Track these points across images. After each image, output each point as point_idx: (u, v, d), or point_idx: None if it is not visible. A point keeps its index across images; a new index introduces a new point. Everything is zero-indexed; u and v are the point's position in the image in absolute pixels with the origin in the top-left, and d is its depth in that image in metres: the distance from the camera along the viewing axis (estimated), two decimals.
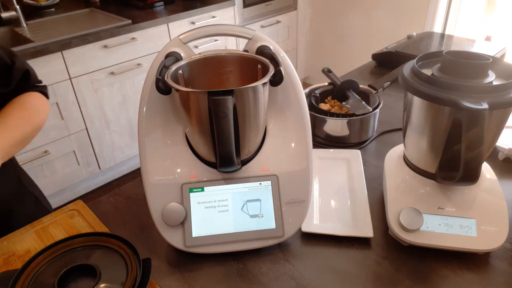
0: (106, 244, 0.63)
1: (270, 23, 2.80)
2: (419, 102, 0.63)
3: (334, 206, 0.75)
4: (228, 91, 0.53)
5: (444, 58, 0.61)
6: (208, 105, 0.55)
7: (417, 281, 0.61)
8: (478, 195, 0.65)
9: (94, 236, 0.64)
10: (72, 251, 0.62)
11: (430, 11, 2.43)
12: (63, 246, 0.62)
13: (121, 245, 0.62)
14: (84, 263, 0.59)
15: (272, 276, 0.64)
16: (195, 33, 0.68)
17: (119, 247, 0.62)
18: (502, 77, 0.61)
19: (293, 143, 0.67)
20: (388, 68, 1.30)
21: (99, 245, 0.63)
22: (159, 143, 0.66)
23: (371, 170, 0.86)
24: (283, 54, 0.66)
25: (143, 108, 0.65)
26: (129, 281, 0.56)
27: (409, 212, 0.64)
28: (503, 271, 0.62)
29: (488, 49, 1.36)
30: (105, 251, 0.62)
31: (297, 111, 0.67)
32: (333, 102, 1.02)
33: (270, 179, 0.66)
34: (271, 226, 0.65)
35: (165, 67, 0.60)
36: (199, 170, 0.66)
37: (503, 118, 0.60)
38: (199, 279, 0.64)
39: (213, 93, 0.53)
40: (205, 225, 0.65)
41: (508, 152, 0.85)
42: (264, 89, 0.60)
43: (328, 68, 1.07)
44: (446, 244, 0.63)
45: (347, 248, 0.68)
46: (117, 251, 0.62)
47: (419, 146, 0.67)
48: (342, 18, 2.89)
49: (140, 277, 0.57)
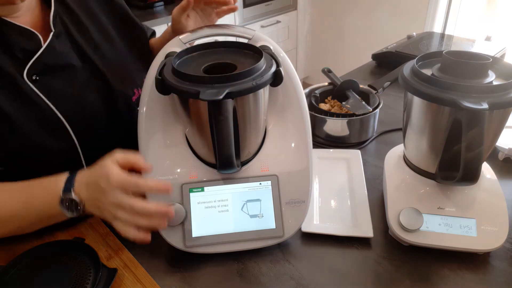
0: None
1: (270, 23, 2.80)
2: (419, 102, 0.63)
3: (334, 206, 0.75)
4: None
5: (444, 58, 0.61)
6: (208, 108, 0.55)
7: (417, 281, 0.61)
8: (478, 195, 0.65)
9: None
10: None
11: (430, 11, 2.43)
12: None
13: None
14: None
15: (272, 276, 0.63)
16: (195, 33, 0.68)
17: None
18: (502, 77, 0.61)
19: (293, 143, 0.67)
20: (388, 68, 1.30)
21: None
22: (159, 143, 0.66)
23: (371, 170, 0.86)
24: (283, 54, 0.66)
25: (143, 108, 0.65)
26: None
27: (409, 212, 0.64)
28: (503, 271, 0.62)
29: (488, 49, 1.36)
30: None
31: (297, 111, 0.67)
32: (333, 102, 1.02)
33: (270, 179, 0.66)
34: (271, 226, 0.65)
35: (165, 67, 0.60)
36: (199, 170, 0.66)
37: (503, 118, 0.60)
38: (199, 279, 0.64)
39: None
40: (205, 225, 0.65)
41: (508, 152, 0.85)
42: (264, 91, 0.60)
43: (328, 68, 1.07)
44: (446, 244, 0.63)
45: (347, 248, 0.67)
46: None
47: (419, 146, 0.67)
48: (342, 18, 2.89)
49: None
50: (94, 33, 0.74)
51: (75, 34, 0.70)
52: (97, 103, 0.72)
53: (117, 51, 0.78)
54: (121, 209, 0.54)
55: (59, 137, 0.67)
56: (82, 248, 0.64)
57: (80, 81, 0.70)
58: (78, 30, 0.71)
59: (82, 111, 0.69)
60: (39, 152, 0.65)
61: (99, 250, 0.67)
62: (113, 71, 0.74)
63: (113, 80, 0.74)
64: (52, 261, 0.62)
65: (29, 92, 0.63)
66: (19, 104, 0.62)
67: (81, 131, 0.69)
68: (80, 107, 0.69)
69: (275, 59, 0.60)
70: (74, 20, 0.72)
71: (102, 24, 0.76)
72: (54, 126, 0.66)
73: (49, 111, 0.65)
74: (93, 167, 0.57)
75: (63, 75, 0.68)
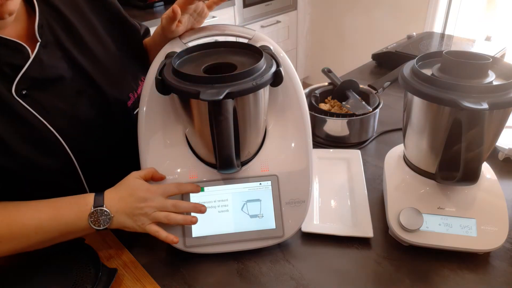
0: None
1: (270, 23, 2.80)
2: (419, 102, 0.63)
3: (334, 206, 0.75)
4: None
5: (444, 58, 0.61)
6: (208, 108, 0.55)
7: (417, 281, 0.61)
8: (478, 195, 0.65)
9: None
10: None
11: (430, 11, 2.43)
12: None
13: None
14: None
15: (272, 276, 0.63)
16: (195, 33, 0.68)
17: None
18: (502, 77, 0.61)
19: (293, 143, 0.67)
20: (388, 68, 1.30)
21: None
22: (159, 143, 0.66)
23: (371, 170, 0.86)
24: (283, 54, 0.66)
25: (143, 108, 0.65)
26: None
27: (409, 212, 0.64)
28: (503, 271, 0.62)
29: (488, 49, 1.36)
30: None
31: (297, 111, 0.67)
32: (333, 102, 1.02)
33: (270, 179, 0.66)
34: (271, 226, 0.65)
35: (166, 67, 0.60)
36: (199, 170, 0.66)
37: (503, 118, 0.60)
38: (199, 279, 0.64)
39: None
40: (205, 225, 0.65)
41: (508, 152, 0.85)
42: (264, 91, 0.60)
43: (328, 68, 1.07)
44: (446, 244, 0.63)
45: (347, 248, 0.67)
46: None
47: (419, 146, 0.67)
48: (342, 18, 2.89)
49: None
50: (85, 36, 0.69)
51: (65, 40, 0.66)
52: (91, 114, 0.69)
53: (110, 54, 0.74)
54: (163, 211, 0.62)
55: (53, 153, 0.64)
56: (82, 248, 0.64)
57: (71, 93, 0.66)
58: (68, 35, 0.67)
59: (76, 124, 0.66)
60: (34, 170, 0.63)
61: (99, 250, 0.67)
62: (106, 76, 0.71)
63: (107, 86, 0.70)
64: (52, 261, 0.62)
65: (19, 109, 0.59)
66: (9, 121, 0.59)
67: (76, 144, 0.66)
68: (74, 120, 0.66)
69: (275, 59, 0.60)
70: (64, 25, 0.67)
71: (93, 25, 0.72)
72: (48, 142, 0.63)
73: (42, 126, 0.62)
74: (119, 185, 0.63)
75: (53, 88, 0.64)
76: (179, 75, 0.55)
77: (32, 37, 0.62)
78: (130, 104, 0.75)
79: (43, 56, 0.62)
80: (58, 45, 0.65)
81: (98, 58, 0.70)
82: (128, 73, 0.77)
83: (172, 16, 0.63)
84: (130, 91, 0.76)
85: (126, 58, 0.77)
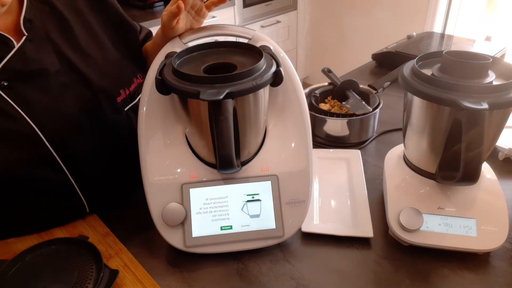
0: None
1: (270, 23, 2.80)
2: (419, 102, 0.63)
3: (334, 206, 0.75)
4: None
5: (444, 58, 0.61)
6: (208, 108, 0.55)
7: (417, 281, 0.61)
8: (478, 195, 0.65)
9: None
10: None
11: (430, 11, 2.43)
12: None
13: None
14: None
15: (272, 276, 0.63)
16: (195, 33, 0.68)
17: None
18: (502, 77, 0.61)
19: (293, 143, 0.67)
20: (388, 68, 1.30)
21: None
22: (159, 143, 0.66)
23: (371, 170, 0.86)
24: (283, 54, 0.66)
25: (143, 108, 0.65)
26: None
27: (409, 212, 0.64)
28: (503, 271, 0.62)
29: (488, 49, 1.36)
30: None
31: (297, 111, 0.67)
32: (333, 102, 1.02)
33: (270, 179, 0.66)
34: (271, 226, 0.65)
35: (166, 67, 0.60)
36: (199, 170, 0.66)
37: (503, 118, 0.60)
38: (199, 279, 0.64)
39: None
40: (205, 225, 0.64)
41: (508, 152, 0.85)
42: (264, 91, 0.60)
43: (328, 68, 1.07)
44: (446, 244, 0.63)
45: (347, 248, 0.67)
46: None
47: (419, 146, 0.67)
48: (342, 18, 2.89)
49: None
50: (79, 33, 0.70)
51: (55, 36, 0.66)
52: (76, 108, 0.68)
53: (104, 51, 0.73)
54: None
55: (30, 146, 0.63)
56: (85, 247, 0.64)
57: (56, 87, 0.65)
58: (61, 30, 0.67)
59: (58, 118, 0.66)
60: (10, 161, 0.62)
61: (99, 250, 0.67)
62: (96, 71, 0.71)
63: (95, 80, 0.70)
64: (55, 258, 0.62)
65: None
66: None
67: (57, 138, 0.65)
68: (56, 114, 0.65)
69: (275, 59, 0.60)
70: (57, 21, 0.68)
71: (89, 22, 0.73)
72: (24, 134, 0.62)
73: (20, 118, 0.61)
74: None
75: (38, 81, 0.63)
76: (179, 75, 0.55)
77: (19, 30, 0.63)
78: (120, 100, 0.75)
79: (27, 49, 0.62)
80: (48, 40, 0.66)
81: (90, 53, 0.71)
82: (122, 70, 0.77)
83: (175, 12, 0.64)
84: (122, 87, 0.75)
85: (121, 56, 0.78)
